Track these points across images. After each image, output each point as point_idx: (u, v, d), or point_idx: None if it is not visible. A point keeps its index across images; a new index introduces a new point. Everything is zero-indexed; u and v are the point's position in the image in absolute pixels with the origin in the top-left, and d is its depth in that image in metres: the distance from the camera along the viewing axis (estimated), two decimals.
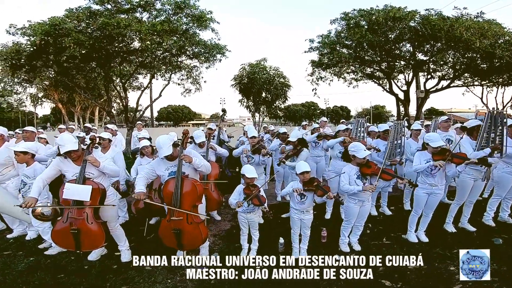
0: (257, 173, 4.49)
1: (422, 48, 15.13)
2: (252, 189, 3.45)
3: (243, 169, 3.59)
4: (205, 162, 3.29)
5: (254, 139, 4.55)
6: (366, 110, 64.65)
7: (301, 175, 3.41)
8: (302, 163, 3.51)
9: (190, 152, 3.32)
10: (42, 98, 29.86)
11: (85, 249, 3.17)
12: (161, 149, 3.06)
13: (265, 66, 13.42)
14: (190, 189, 3.12)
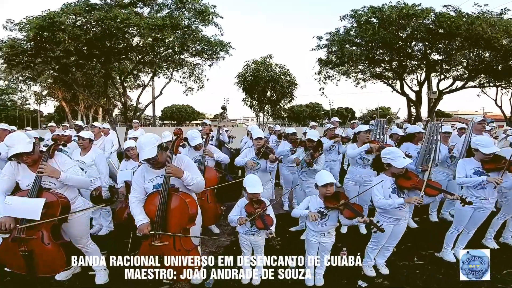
0: (263, 181, 3.82)
1: (436, 47, 14.36)
2: (255, 207, 2.76)
3: (245, 181, 2.91)
4: (198, 180, 2.53)
5: (260, 141, 3.83)
6: (371, 111, 63.71)
7: (324, 187, 2.71)
8: (325, 172, 2.83)
9: (183, 160, 2.62)
10: (46, 96, 29.78)
11: (41, 275, 2.51)
12: (142, 151, 2.37)
13: (271, 63, 12.72)
14: (180, 207, 2.42)
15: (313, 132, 4.08)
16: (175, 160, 2.55)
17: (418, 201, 2.63)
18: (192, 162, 2.74)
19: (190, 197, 2.53)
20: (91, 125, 5.94)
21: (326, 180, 2.70)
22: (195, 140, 3.92)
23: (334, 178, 2.76)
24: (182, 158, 2.64)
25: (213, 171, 3.93)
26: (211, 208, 3.80)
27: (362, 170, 4.01)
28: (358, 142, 4.07)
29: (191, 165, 2.62)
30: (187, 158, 2.71)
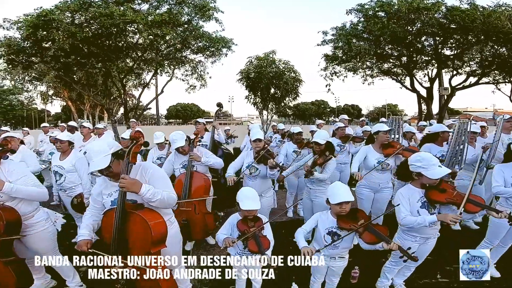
0: (263, 189, 3.35)
1: (447, 42, 13.68)
2: (250, 225, 2.28)
3: (239, 194, 2.40)
4: (164, 195, 1.99)
5: (259, 144, 3.27)
6: (378, 108, 62.72)
7: (337, 205, 2.19)
8: (339, 186, 2.29)
9: (147, 170, 2.11)
10: (52, 96, 29.92)
11: None
12: (91, 161, 1.93)
13: (274, 59, 12.17)
14: (139, 229, 1.94)
15: (321, 133, 3.44)
16: (137, 169, 2.08)
17: (455, 219, 2.11)
18: (162, 172, 2.23)
19: (154, 215, 2.02)
20: (80, 125, 5.53)
21: (342, 197, 2.17)
22: (175, 143, 3.42)
23: (351, 194, 2.23)
24: (147, 167, 2.14)
25: (202, 177, 3.45)
26: (199, 220, 3.33)
27: (380, 175, 3.49)
28: (376, 144, 3.54)
29: (158, 176, 2.11)
30: (155, 167, 2.21)
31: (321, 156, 3.28)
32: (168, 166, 3.62)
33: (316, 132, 3.53)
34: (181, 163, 3.54)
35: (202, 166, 3.58)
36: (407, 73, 15.88)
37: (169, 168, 3.60)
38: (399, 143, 3.48)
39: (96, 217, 2.18)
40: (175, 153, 3.59)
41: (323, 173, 3.28)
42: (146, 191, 1.89)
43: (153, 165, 2.22)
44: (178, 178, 3.42)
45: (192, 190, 3.32)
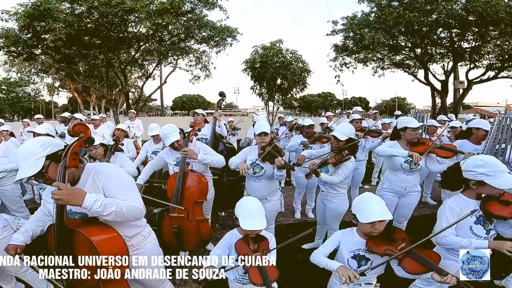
0: (269, 191, 2.87)
1: (465, 35, 12.88)
2: (252, 248, 1.78)
3: (238, 206, 1.90)
4: (127, 211, 1.55)
5: (264, 138, 2.76)
6: (386, 101, 61.55)
7: (368, 225, 1.70)
8: (372, 200, 1.76)
9: (99, 173, 1.64)
10: (58, 87, 30.06)
11: None
12: (19, 168, 1.51)
13: (281, 48, 11.56)
14: (85, 250, 1.52)
15: (345, 127, 2.81)
16: (88, 174, 1.65)
17: None
18: (123, 176, 1.74)
19: (102, 231, 1.62)
20: (71, 116, 5.11)
21: (375, 215, 1.65)
22: (168, 138, 2.90)
23: (387, 210, 1.72)
24: (101, 170, 1.65)
25: (198, 178, 2.94)
26: (192, 229, 2.83)
27: (407, 177, 2.97)
28: (402, 141, 3.00)
29: (116, 181, 1.65)
30: (112, 170, 1.71)
31: (336, 154, 2.75)
32: (159, 161, 3.20)
33: (339, 124, 2.92)
34: (175, 159, 3.07)
35: (200, 164, 3.06)
36: (421, 66, 15.14)
37: (159, 163, 3.20)
38: (429, 139, 2.95)
39: (42, 223, 1.83)
40: (169, 149, 3.11)
41: (335, 175, 2.76)
42: (91, 203, 1.44)
43: (110, 167, 1.73)
44: (170, 179, 2.96)
45: (185, 193, 2.85)
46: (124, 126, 4.77)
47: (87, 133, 1.60)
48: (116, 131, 4.69)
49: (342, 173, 2.76)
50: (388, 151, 2.94)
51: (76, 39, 10.62)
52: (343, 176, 2.76)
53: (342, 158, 2.73)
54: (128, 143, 4.74)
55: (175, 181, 2.86)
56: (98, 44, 11.47)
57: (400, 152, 2.86)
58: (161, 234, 2.88)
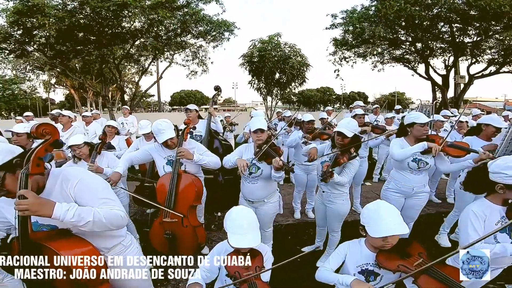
0: (267, 192, 2.66)
1: (467, 30, 12.61)
2: (242, 263, 1.54)
3: (227, 219, 1.64)
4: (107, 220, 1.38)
5: (261, 135, 2.52)
6: (385, 96, 61.31)
7: (379, 239, 1.47)
8: (385, 211, 1.53)
9: (69, 180, 1.43)
10: (55, 84, 29.84)
11: None
12: None
13: (279, 42, 11.29)
14: (53, 265, 1.35)
15: (349, 122, 2.60)
16: (55, 181, 1.44)
17: None
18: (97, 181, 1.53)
19: (73, 244, 1.43)
20: (58, 113, 4.87)
21: (389, 230, 1.44)
22: (163, 134, 2.61)
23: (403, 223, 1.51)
24: (71, 176, 1.45)
25: (192, 180, 2.69)
26: (187, 234, 2.60)
27: (414, 177, 2.77)
28: (409, 137, 2.79)
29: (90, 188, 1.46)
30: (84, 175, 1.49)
31: (344, 153, 2.52)
32: (143, 155, 2.85)
33: (343, 120, 2.68)
34: (166, 157, 2.79)
35: (193, 164, 2.80)
36: (422, 60, 14.90)
37: (142, 157, 2.86)
38: (440, 136, 2.73)
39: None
40: (159, 145, 2.78)
41: (343, 175, 2.56)
42: (63, 213, 1.25)
43: (80, 172, 1.52)
44: (161, 181, 2.69)
45: (179, 197, 2.59)
46: (115, 123, 4.54)
47: (54, 135, 1.38)
48: (106, 128, 4.45)
49: (350, 172, 2.56)
50: (407, 152, 2.66)
51: (69, 35, 10.37)
52: (350, 175, 2.57)
53: (350, 156, 2.53)
54: (120, 140, 4.52)
55: (167, 183, 2.61)
56: (92, 40, 11.21)
57: (418, 147, 2.62)
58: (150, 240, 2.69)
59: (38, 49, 11.33)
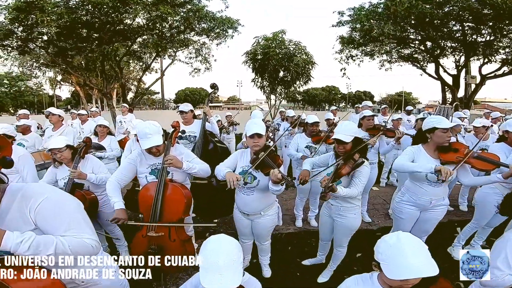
0: (262, 206, 2.38)
1: (479, 29, 12.13)
2: None
3: (201, 252, 1.31)
4: (72, 251, 1.17)
5: (257, 141, 2.20)
6: (391, 96, 60.60)
7: (398, 281, 1.16)
8: (410, 245, 1.19)
9: (29, 201, 1.18)
10: (60, 81, 30.12)
11: None
12: None
13: (284, 39, 10.96)
14: None
15: (346, 125, 2.33)
16: (12, 200, 1.20)
17: None
18: (63, 203, 1.27)
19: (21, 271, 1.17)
20: (48, 112, 4.64)
21: (412, 271, 1.13)
22: (149, 140, 2.24)
23: (431, 260, 1.18)
24: (31, 195, 1.20)
25: (181, 190, 2.34)
26: (175, 249, 2.28)
27: (433, 190, 2.44)
28: (429, 145, 2.44)
29: (55, 213, 1.20)
30: (50, 194, 1.23)
31: (347, 161, 2.21)
32: (129, 170, 2.47)
33: (338, 123, 2.37)
34: (150, 165, 2.44)
35: (182, 172, 2.47)
36: (433, 59, 14.44)
37: (131, 173, 2.49)
38: (464, 145, 2.40)
39: None
40: (142, 152, 2.45)
41: (353, 186, 2.23)
42: (15, 245, 1.04)
43: (44, 190, 1.24)
44: (144, 191, 2.36)
45: (166, 210, 2.28)
46: (106, 122, 4.27)
47: (5, 151, 1.13)
48: (97, 128, 4.19)
49: (360, 182, 2.23)
50: (407, 166, 2.36)
51: (70, 32, 10.19)
52: (361, 185, 2.24)
53: (354, 164, 2.20)
54: (111, 140, 4.25)
55: (152, 194, 2.29)
56: (94, 37, 11.02)
57: (424, 167, 2.28)
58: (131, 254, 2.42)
59: (40, 46, 11.16)
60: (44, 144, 4.17)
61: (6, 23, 9.75)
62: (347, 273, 3.09)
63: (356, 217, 2.46)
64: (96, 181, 2.66)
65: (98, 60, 12.46)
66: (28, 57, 14.70)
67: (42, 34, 10.28)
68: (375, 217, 4.44)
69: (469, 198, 4.81)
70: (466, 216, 4.45)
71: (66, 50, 11.38)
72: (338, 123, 5.50)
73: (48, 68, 17.18)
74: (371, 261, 3.30)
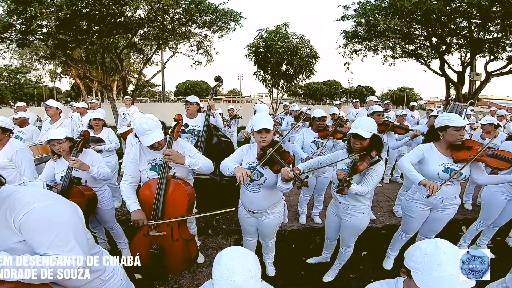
0: (269, 204, 2.28)
1: (486, 26, 11.91)
2: None
3: (215, 266, 1.16)
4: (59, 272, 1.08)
5: (265, 136, 2.08)
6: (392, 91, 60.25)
7: None
8: (448, 254, 1.09)
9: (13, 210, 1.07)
10: (61, 74, 29.99)
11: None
12: None
13: (287, 33, 10.78)
14: None
15: (366, 121, 2.17)
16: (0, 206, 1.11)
17: None
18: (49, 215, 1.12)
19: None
20: (45, 104, 4.51)
21: (453, 283, 1.06)
22: (148, 136, 2.11)
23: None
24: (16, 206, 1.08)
25: (184, 187, 2.23)
26: (178, 249, 2.20)
27: (445, 189, 2.35)
28: (441, 143, 2.35)
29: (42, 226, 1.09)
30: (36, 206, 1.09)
31: (363, 157, 2.11)
32: (135, 170, 2.33)
33: (356, 117, 2.25)
34: (150, 161, 2.32)
35: (184, 168, 2.35)
36: (438, 56, 14.24)
37: (134, 171, 2.33)
38: (478, 142, 2.30)
39: None
40: (141, 147, 2.33)
41: (364, 184, 2.14)
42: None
43: (35, 199, 1.12)
44: (145, 188, 2.25)
45: (168, 208, 2.17)
46: (101, 115, 4.13)
47: None
48: (91, 121, 4.06)
49: (372, 181, 2.13)
50: (406, 168, 2.33)
51: (70, 24, 10.02)
52: (374, 183, 2.14)
53: (371, 161, 2.11)
54: (109, 132, 4.12)
55: (153, 191, 2.18)
56: (95, 29, 10.85)
57: (415, 176, 2.25)
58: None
59: (39, 39, 11.00)
60: (42, 137, 4.06)
61: (4, 16, 9.59)
62: (353, 272, 3.05)
63: (365, 216, 2.37)
64: (97, 175, 2.56)
65: (99, 53, 12.33)
66: (28, 50, 14.53)
67: (41, 27, 10.10)
68: (379, 214, 4.37)
69: (474, 196, 4.75)
70: (470, 214, 4.39)
71: (66, 42, 11.22)
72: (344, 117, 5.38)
73: (48, 60, 17.03)
74: (376, 259, 3.23)
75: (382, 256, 3.17)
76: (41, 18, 8.77)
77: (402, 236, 2.88)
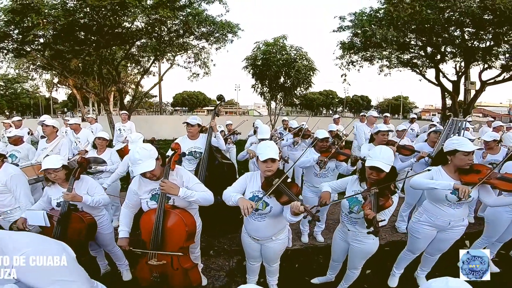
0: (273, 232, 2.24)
1: (479, 34, 12.11)
2: None
3: None
4: None
5: (271, 165, 2.02)
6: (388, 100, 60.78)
7: None
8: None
9: (6, 245, 1.01)
10: (57, 84, 30.07)
11: None
12: None
13: (285, 45, 10.85)
14: None
15: (385, 152, 2.09)
16: None
17: None
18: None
19: None
20: (41, 122, 4.38)
21: None
22: (138, 166, 2.04)
23: None
24: (11, 247, 1.01)
25: (182, 217, 2.15)
26: (178, 277, 2.15)
27: (453, 211, 2.34)
28: (450, 166, 2.33)
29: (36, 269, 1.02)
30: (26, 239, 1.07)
31: (384, 191, 2.02)
32: (133, 199, 2.32)
33: (376, 148, 2.15)
34: (150, 190, 2.26)
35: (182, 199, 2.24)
36: (433, 65, 14.40)
37: (137, 201, 2.33)
38: (486, 166, 2.28)
39: None
40: (140, 177, 2.27)
41: (380, 216, 2.04)
42: None
43: (31, 241, 1.07)
44: (145, 216, 2.21)
45: (167, 238, 2.12)
46: (106, 134, 4.07)
47: None
48: (96, 140, 3.99)
49: (389, 212, 2.10)
50: (426, 183, 2.26)
51: (67, 34, 10.03)
52: (389, 214, 2.11)
53: (387, 198, 2.03)
54: (112, 154, 4.05)
55: (151, 221, 2.13)
56: (92, 40, 10.85)
57: (442, 184, 2.20)
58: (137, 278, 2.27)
59: (36, 49, 10.99)
60: (38, 157, 3.96)
61: (1, 26, 9.58)
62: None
63: (375, 241, 2.33)
64: (93, 203, 2.49)
65: (96, 64, 12.32)
66: (25, 59, 14.55)
67: (38, 37, 10.11)
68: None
69: (476, 209, 4.73)
70: (473, 227, 4.35)
71: (63, 53, 11.22)
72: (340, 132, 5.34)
73: (45, 70, 17.02)
74: (381, 278, 3.17)
75: (386, 274, 3.11)
76: (38, 28, 8.77)
77: (408, 256, 2.84)
